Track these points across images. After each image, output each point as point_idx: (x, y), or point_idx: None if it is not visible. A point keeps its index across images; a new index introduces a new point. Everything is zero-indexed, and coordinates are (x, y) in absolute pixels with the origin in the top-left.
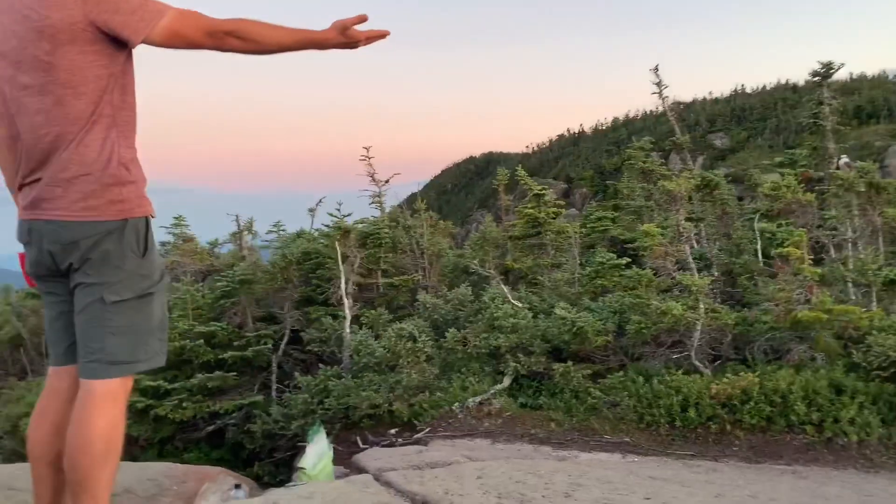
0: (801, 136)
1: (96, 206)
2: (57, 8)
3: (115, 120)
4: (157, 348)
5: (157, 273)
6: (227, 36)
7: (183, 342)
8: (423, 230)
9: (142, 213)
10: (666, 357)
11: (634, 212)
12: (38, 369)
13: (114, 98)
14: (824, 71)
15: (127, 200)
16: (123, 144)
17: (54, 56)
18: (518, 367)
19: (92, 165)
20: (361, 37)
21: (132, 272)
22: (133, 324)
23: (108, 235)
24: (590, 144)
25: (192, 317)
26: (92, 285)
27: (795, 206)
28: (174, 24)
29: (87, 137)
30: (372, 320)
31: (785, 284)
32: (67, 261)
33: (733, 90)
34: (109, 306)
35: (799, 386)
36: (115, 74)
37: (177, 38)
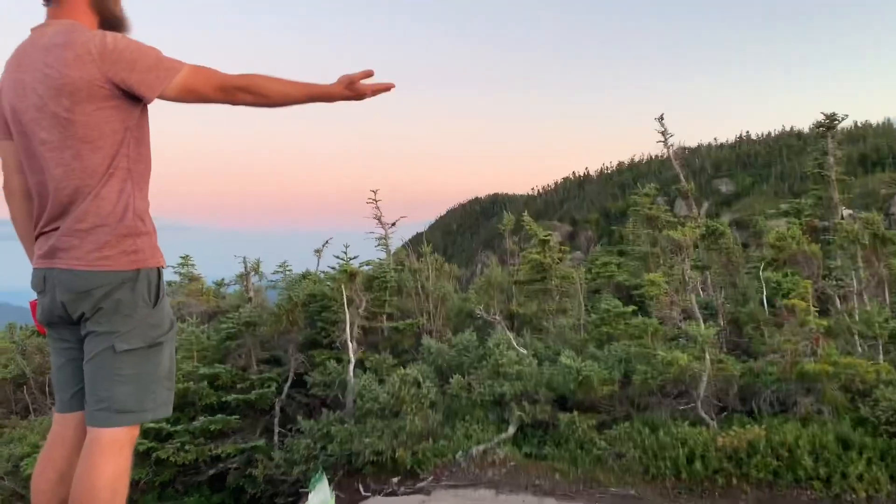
0: (805, 184)
1: (110, 256)
2: (76, 67)
3: (130, 172)
4: (165, 398)
5: (166, 322)
6: (239, 91)
7: (187, 384)
8: (428, 273)
9: (154, 263)
10: (672, 407)
11: (640, 258)
12: (41, 409)
13: (129, 151)
14: (828, 122)
15: (140, 251)
16: (138, 196)
17: (73, 112)
18: (523, 415)
19: (108, 217)
20: (367, 90)
21: (143, 321)
22: (142, 373)
23: (121, 285)
24: (595, 188)
25: (197, 358)
26: (103, 334)
27: (801, 257)
28: (188, 80)
29: (104, 190)
30: (376, 364)
31: (791, 335)
32: (80, 310)
33: (738, 136)
34: (119, 355)
35: (806, 440)
36: (131, 128)
37: (190, 94)
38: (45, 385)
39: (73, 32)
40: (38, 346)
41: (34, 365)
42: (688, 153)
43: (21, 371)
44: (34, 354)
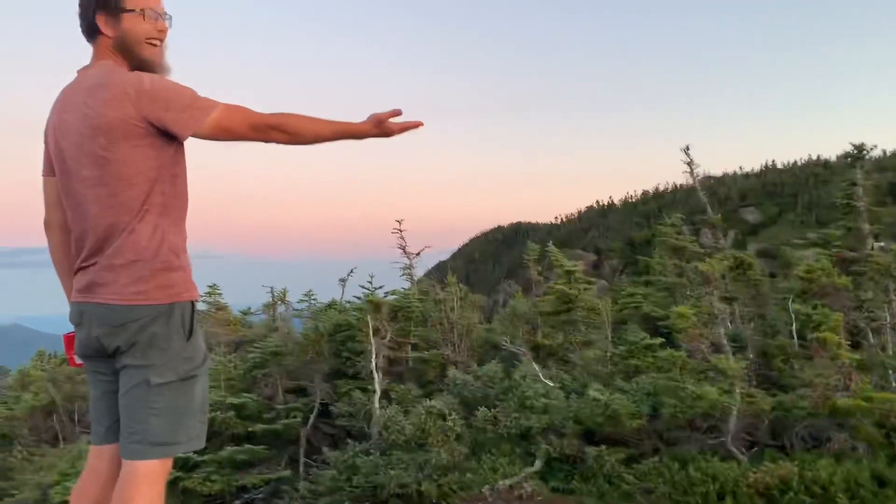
0: (833, 213)
1: (146, 291)
2: (113, 107)
3: (166, 208)
4: (198, 431)
5: (200, 356)
6: (272, 130)
7: (214, 413)
8: (453, 304)
9: (188, 297)
10: (701, 442)
11: (667, 288)
12: (70, 436)
13: (165, 188)
14: (856, 153)
15: (175, 285)
16: (173, 231)
17: (109, 151)
18: (550, 449)
19: (143, 252)
20: (396, 128)
21: (177, 355)
22: (176, 406)
23: (156, 319)
24: (619, 216)
25: (224, 387)
26: (138, 367)
27: (830, 289)
28: (222, 119)
29: (139, 226)
30: (401, 395)
31: (822, 370)
32: (115, 343)
33: (764, 165)
34: (154, 388)
35: (840, 477)
36: (166, 165)
37: (224, 133)
38: (74, 413)
39: (112, 73)
40: (68, 375)
41: (64, 393)
42: (713, 182)
43: (51, 399)
44: (64, 383)
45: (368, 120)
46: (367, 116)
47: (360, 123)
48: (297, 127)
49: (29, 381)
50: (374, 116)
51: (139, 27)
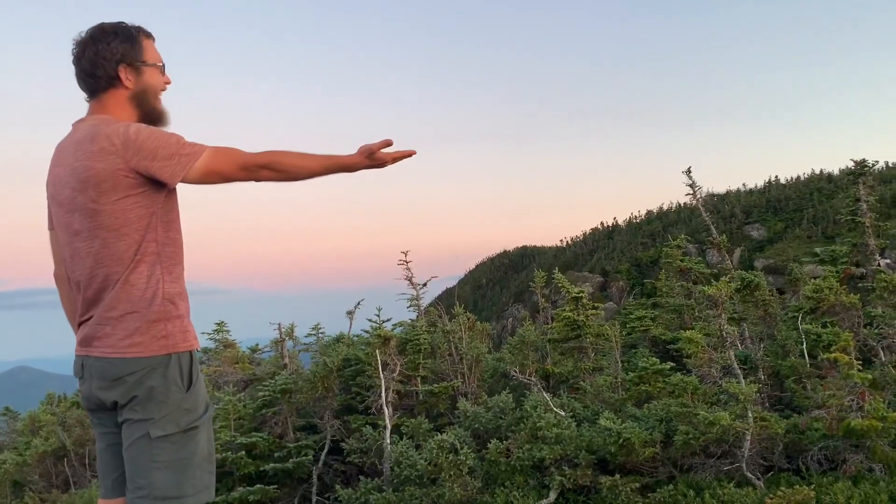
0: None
1: (141, 343)
2: (100, 159)
3: (159, 256)
4: (206, 482)
5: (201, 406)
6: (261, 169)
7: (224, 454)
8: (461, 334)
9: (186, 347)
10: (716, 468)
11: (675, 310)
12: (81, 482)
13: (157, 235)
14: (859, 169)
15: (171, 335)
16: (167, 279)
17: (99, 202)
18: (563, 480)
19: (137, 303)
20: (388, 158)
21: (177, 406)
22: (179, 458)
23: (152, 371)
24: (624, 237)
25: (234, 427)
26: (138, 421)
27: (839, 308)
28: (210, 164)
29: (132, 276)
30: (412, 429)
31: (835, 390)
32: (112, 397)
33: (767, 181)
34: (155, 441)
35: (858, 500)
36: (157, 213)
37: (213, 176)
38: (84, 458)
39: (100, 125)
40: (78, 419)
41: (74, 437)
42: (717, 200)
43: (62, 444)
44: (74, 427)
45: (359, 152)
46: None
47: (351, 156)
48: (286, 164)
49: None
50: (365, 148)
51: (158, 80)
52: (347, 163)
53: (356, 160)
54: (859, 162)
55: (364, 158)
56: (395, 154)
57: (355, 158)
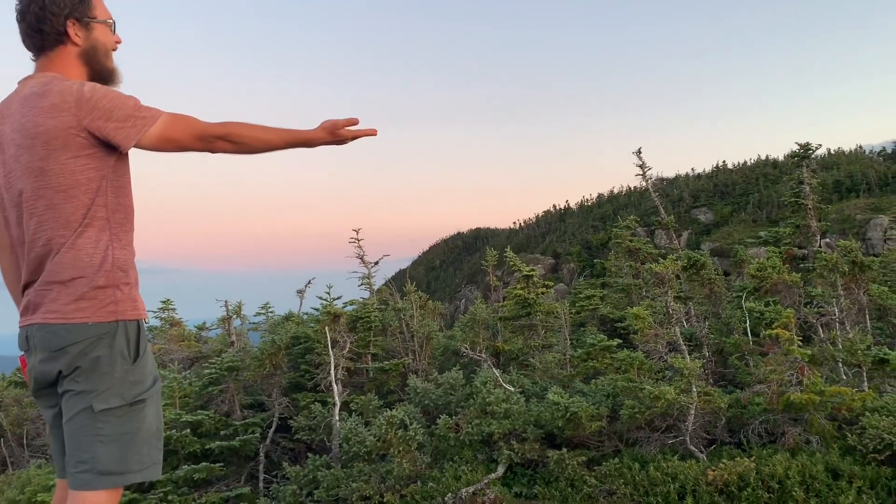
0: (783, 211)
1: (87, 308)
2: (51, 116)
3: (108, 222)
4: (154, 457)
5: (148, 379)
6: (218, 140)
7: (169, 432)
8: (412, 312)
9: (134, 315)
10: (661, 442)
11: (623, 290)
12: (19, 462)
13: (108, 200)
14: (803, 152)
15: (120, 303)
16: (117, 246)
17: (47, 161)
18: (512, 454)
19: (85, 268)
20: (349, 135)
21: (122, 379)
22: (124, 432)
23: (98, 341)
24: (576, 220)
25: (179, 405)
26: (80, 393)
27: (781, 286)
28: (165, 129)
29: (80, 241)
30: (362, 406)
31: (776, 365)
32: (56, 368)
33: (715, 166)
34: (98, 415)
35: (795, 471)
36: (108, 177)
37: (167, 143)
38: (22, 438)
39: (51, 83)
40: (15, 398)
41: (11, 417)
42: (666, 184)
43: None
44: (11, 407)
45: (321, 127)
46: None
47: (312, 131)
48: (243, 136)
49: None
50: (328, 124)
51: (108, 38)
52: (308, 137)
53: (317, 135)
54: (803, 145)
55: (326, 134)
56: (356, 133)
57: (317, 133)
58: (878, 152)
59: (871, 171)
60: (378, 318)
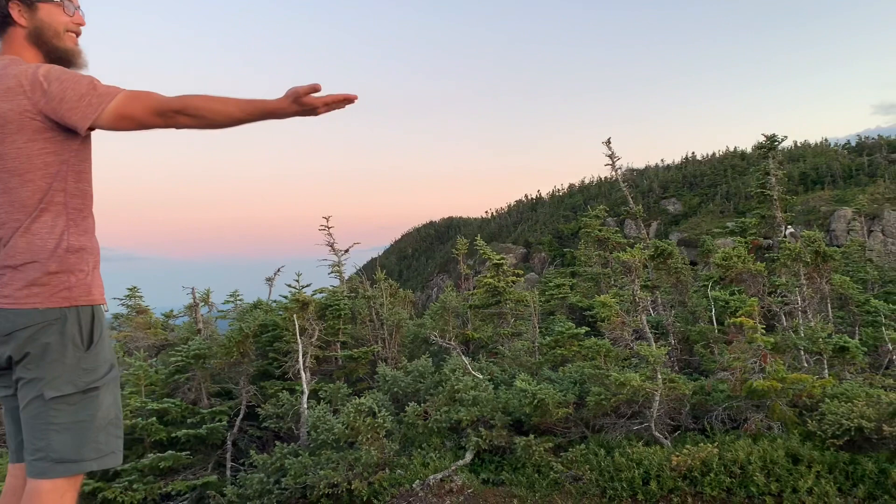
0: (750, 202)
1: (39, 294)
2: (6, 99)
3: (66, 207)
4: (112, 446)
5: (104, 366)
6: (177, 114)
7: (134, 420)
8: (382, 300)
9: (88, 301)
10: (627, 428)
11: (592, 279)
12: None
13: (67, 185)
14: (769, 143)
15: (73, 289)
16: (74, 231)
17: (2, 145)
18: (479, 441)
19: (38, 253)
20: (318, 103)
21: (74, 366)
22: (78, 420)
23: (48, 327)
24: (547, 210)
25: (145, 393)
26: (31, 381)
27: (746, 275)
28: (122, 107)
29: (35, 225)
30: (330, 394)
31: (740, 353)
32: (6, 353)
33: (684, 157)
34: (50, 402)
35: (757, 456)
36: (68, 161)
37: (126, 121)
38: None
39: (8, 66)
40: None
41: None
42: (636, 175)
43: None
44: None
45: (285, 96)
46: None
47: (276, 101)
48: (204, 109)
49: None
50: (291, 91)
51: (57, 18)
52: (272, 108)
53: (282, 105)
54: (770, 137)
55: (290, 103)
56: (326, 99)
57: (282, 103)
58: (843, 145)
59: (836, 164)
60: (347, 306)
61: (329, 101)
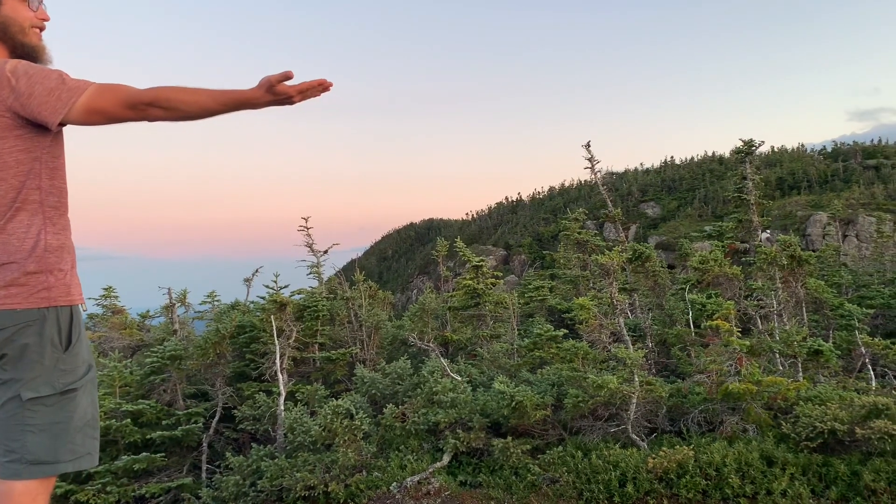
0: (727, 207)
1: (17, 295)
2: None
3: (42, 205)
4: (88, 447)
5: (82, 367)
6: (149, 107)
7: (108, 421)
8: (361, 301)
9: (67, 302)
10: (604, 430)
11: (571, 281)
12: None
13: (41, 182)
14: (746, 148)
15: (52, 289)
16: (51, 230)
17: None
18: (457, 443)
19: (15, 253)
20: (292, 91)
21: (52, 367)
22: (55, 422)
23: (26, 328)
24: (528, 212)
25: (119, 394)
26: (8, 381)
27: (723, 279)
28: (92, 101)
29: (10, 225)
30: (308, 396)
31: (716, 356)
32: None
33: (663, 161)
34: (27, 403)
35: (732, 458)
36: (41, 158)
37: (97, 115)
38: None
39: None
40: None
41: None
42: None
43: None
44: None
45: (258, 85)
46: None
47: (250, 90)
48: (176, 101)
49: None
50: (264, 80)
51: (22, 13)
52: (246, 97)
53: (256, 94)
54: (747, 142)
55: (264, 92)
56: (300, 87)
57: (255, 93)
58: (819, 151)
59: (812, 169)
60: (326, 307)
61: (303, 89)
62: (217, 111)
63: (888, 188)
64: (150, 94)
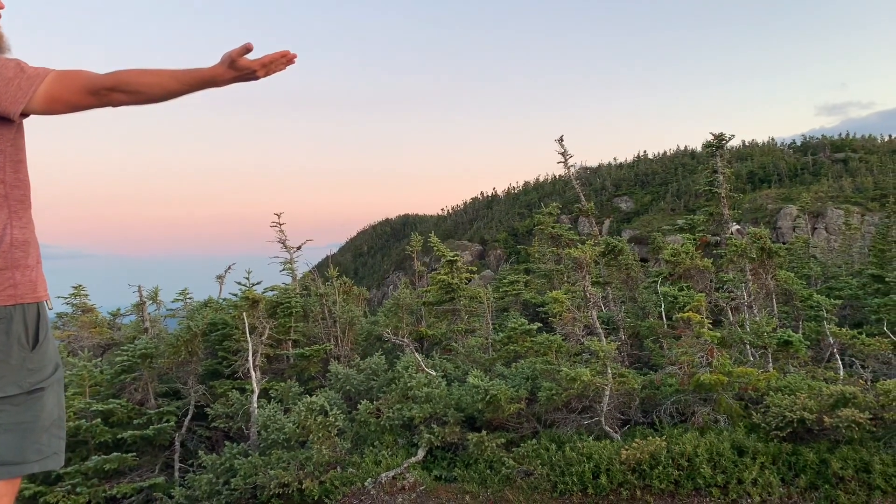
0: (699, 200)
1: None
2: None
3: (7, 199)
4: (54, 447)
5: (49, 366)
6: (111, 92)
7: (78, 422)
8: (335, 297)
9: (34, 299)
10: (577, 423)
11: (545, 275)
12: None
13: (6, 176)
14: (717, 142)
15: (19, 285)
16: (16, 225)
17: None
18: (432, 438)
19: None
20: (255, 65)
21: (19, 366)
22: (21, 422)
23: None
24: (503, 207)
25: (89, 394)
26: None
27: (694, 271)
28: (53, 89)
29: None
30: (282, 393)
31: (688, 348)
32: None
33: (636, 156)
34: None
35: (704, 449)
36: (4, 151)
37: (59, 104)
38: None
39: None
40: None
41: None
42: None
43: None
44: None
45: (219, 62)
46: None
47: (212, 67)
48: (138, 84)
49: None
50: (225, 56)
51: None
52: (209, 75)
53: (218, 71)
54: (717, 136)
55: (226, 68)
56: (263, 60)
57: (217, 70)
58: (789, 145)
59: (782, 163)
60: (299, 303)
61: (266, 62)
62: (180, 91)
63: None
64: (111, 78)
